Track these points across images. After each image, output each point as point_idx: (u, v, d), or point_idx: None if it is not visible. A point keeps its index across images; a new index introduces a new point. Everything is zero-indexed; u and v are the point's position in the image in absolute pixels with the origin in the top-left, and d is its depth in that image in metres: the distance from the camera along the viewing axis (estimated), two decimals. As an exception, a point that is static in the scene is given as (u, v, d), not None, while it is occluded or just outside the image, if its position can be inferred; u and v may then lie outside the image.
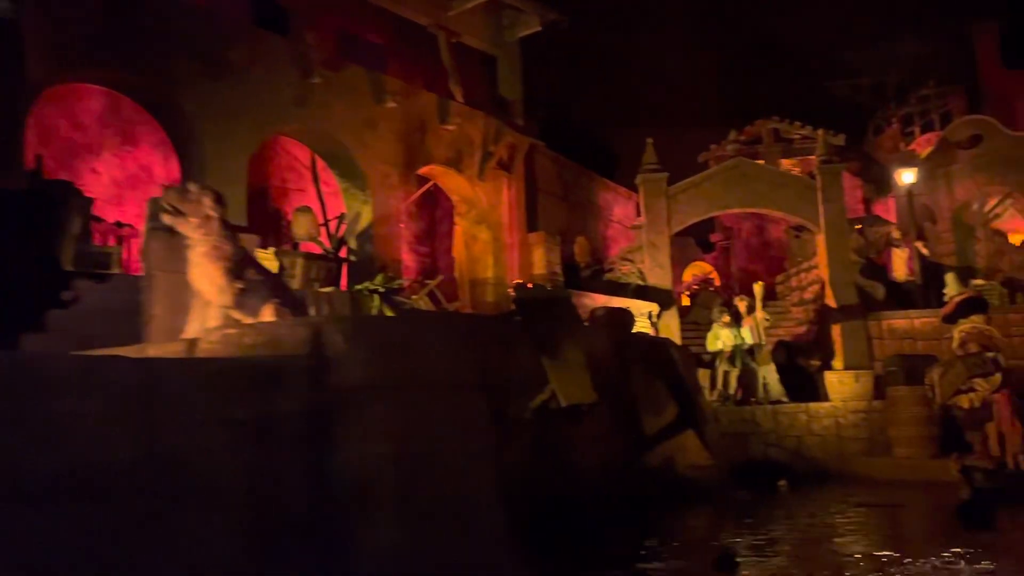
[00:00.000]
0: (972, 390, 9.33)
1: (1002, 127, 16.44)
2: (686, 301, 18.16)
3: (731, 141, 20.13)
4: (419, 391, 3.86)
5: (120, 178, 11.74)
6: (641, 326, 13.34)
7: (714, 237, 21.90)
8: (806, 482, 11.56)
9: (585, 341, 9.18)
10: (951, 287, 12.11)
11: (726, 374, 13.01)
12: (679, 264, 20.09)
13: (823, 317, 14.71)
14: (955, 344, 9.81)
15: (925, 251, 15.40)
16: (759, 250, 21.41)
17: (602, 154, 21.99)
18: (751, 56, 24.28)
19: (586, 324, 10.27)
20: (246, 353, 3.89)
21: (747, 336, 13.14)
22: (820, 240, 14.85)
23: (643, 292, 14.60)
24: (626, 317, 11.17)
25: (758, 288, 13.56)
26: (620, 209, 20.06)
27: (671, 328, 14.20)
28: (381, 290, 8.43)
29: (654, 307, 14.23)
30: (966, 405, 9.43)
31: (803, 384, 13.26)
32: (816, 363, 13.64)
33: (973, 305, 9.89)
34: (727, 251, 21.31)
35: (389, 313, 8.19)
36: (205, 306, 4.65)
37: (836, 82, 22.49)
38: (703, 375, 12.39)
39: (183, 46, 10.03)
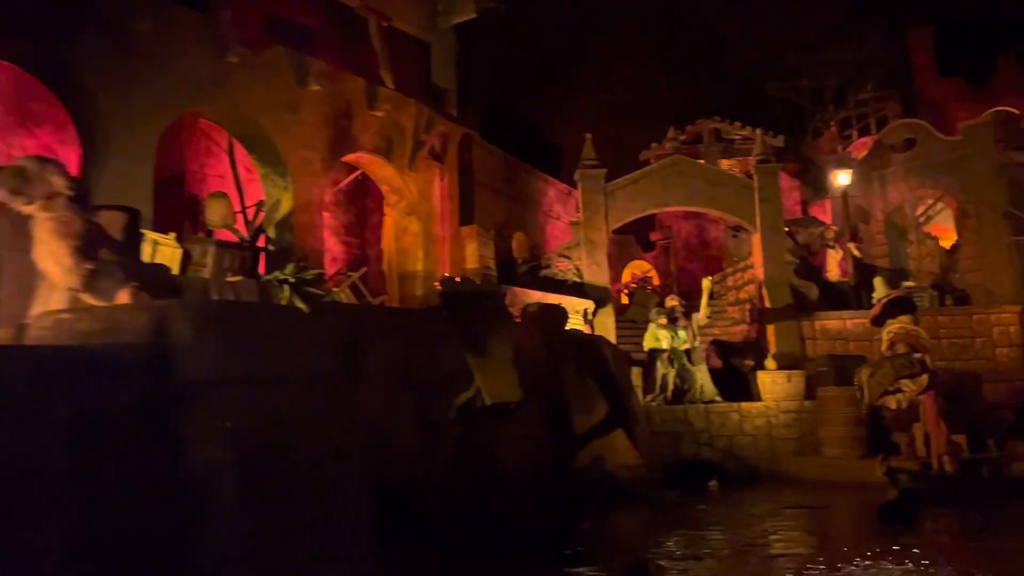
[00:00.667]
0: (899, 391, 9.28)
1: (935, 132, 16.65)
2: (625, 300, 17.98)
3: (671, 139, 20.04)
4: (277, 385, 3.38)
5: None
6: (576, 324, 13.06)
7: (654, 235, 21.80)
8: (737, 482, 11.47)
9: (514, 337, 8.82)
10: (879, 290, 12.13)
11: (664, 376, 12.82)
12: (619, 262, 19.90)
13: (758, 317, 14.66)
14: (884, 345, 9.75)
15: (857, 253, 15.50)
16: (698, 250, 21.41)
17: (544, 149, 21.69)
18: (693, 56, 24.32)
19: (518, 320, 9.91)
20: (79, 340, 3.37)
21: (683, 336, 12.98)
22: (756, 240, 14.80)
23: (580, 289, 14.35)
24: (558, 313, 10.84)
25: (707, 283, 13.43)
26: (561, 205, 19.77)
27: (607, 326, 13.99)
28: (291, 280, 7.84)
29: (590, 304, 13.99)
30: (893, 406, 9.38)
31: (736, 384, 13.16)
32: (750, 363, 13.57)
33: (900, 305, 9.85)
34: (667, 250, 21.24)
35: (300, 305, 7.63)
36: (51, 289, 4.09)
37: (776, 84, 22.63)
38: (636, 373, 12.17)
39: (83, 15, 9.31)
